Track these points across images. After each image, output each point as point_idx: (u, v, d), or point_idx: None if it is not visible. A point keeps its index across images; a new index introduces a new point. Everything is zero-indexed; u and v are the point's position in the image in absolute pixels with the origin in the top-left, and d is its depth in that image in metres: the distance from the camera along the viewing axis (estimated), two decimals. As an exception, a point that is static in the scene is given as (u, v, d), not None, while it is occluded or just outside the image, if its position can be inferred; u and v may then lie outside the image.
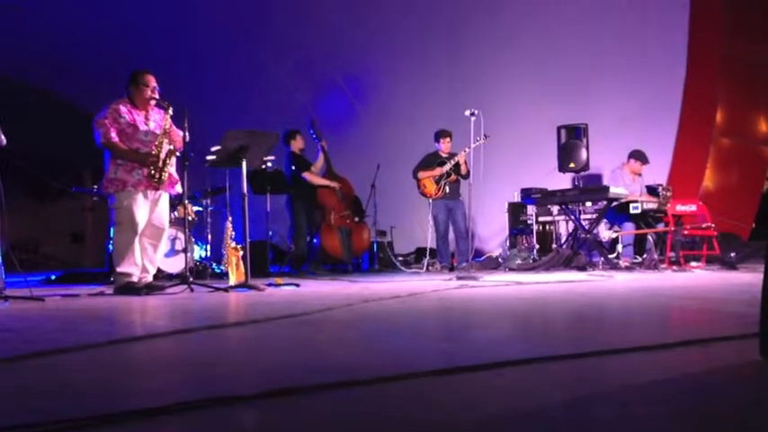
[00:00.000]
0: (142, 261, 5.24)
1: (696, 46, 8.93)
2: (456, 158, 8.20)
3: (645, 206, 7.43)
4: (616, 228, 8.01)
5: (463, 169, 8.18)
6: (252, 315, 3.44)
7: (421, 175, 8.33)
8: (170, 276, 6.88)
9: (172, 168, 5.34)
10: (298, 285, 5.60)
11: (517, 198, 8.91)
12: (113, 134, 5.15)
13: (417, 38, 10.61)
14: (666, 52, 9.06)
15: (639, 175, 8.14)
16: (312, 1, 10.88)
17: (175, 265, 7.18)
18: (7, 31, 11.41)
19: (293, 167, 8.11)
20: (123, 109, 5.23)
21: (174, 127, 5.33)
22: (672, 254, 7.17)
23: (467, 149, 7.63)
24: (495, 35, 10.05)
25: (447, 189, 8.27)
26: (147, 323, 3.39)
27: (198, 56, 11.83)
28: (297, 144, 8.21)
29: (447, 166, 8.22)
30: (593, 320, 3.05)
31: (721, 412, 1.37)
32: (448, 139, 8.37)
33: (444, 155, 8.36)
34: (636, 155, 8.07)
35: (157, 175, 5.17)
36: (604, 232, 8.21)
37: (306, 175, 8.07)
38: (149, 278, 5.30)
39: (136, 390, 1.70)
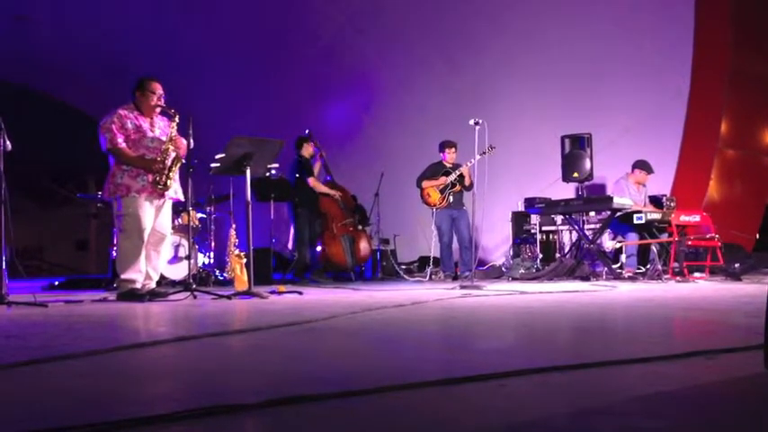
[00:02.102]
0: (146, 268, 5.25)
1: (701, 56, 8.92)
2: (460, 170, 8.20)
3: (649, 216, 7.42)
4: (620, 238, 8.00)
5: (467, 181, 8.19)
6: (255, 323, 3.44)
7: (425, 184, 8.34)
8: (173, 283, 6.89)
9: (176, 175, 5.36)
10: (300, 293, 5.61)
11: (521, 207, 8.91)
12: (120, 140, 5.16)
13: (422, 48, 10.64)
14: (671, 62, 9.06)
15: (643, 185, 8.14)
16: (317, 12, 10.93)
17: (179, 271, 7.20)
18: (12, 38, 11.47)
19: (297, 175, 8.14)
20: (129, 115, 5.25)
21: (178, 135, 5.35)
22: (675, 264, 7.15)
23: (471, 161, 7.56)
24: (499, 45, 10.07)
25: (451, 199, 8.27)
26: (150, 330, 3.39)
27: (202, 62, 11.88)
28: (307, 150, 8.27)
29: (452, 177, 8.23)
30: (596, 331, 3.04)
31: (724, 425, 1.37)
32: (453, 150, 8.38)
33: (448, 165, 8.37)
34: (640, 165, 8.06)
35: (162, 182, 5.19)
36: (608, 242, 8.20)
37: (310, 180, 8.12)
38: (152, 285, 5.31)
39: (138, 397, 1.70)
